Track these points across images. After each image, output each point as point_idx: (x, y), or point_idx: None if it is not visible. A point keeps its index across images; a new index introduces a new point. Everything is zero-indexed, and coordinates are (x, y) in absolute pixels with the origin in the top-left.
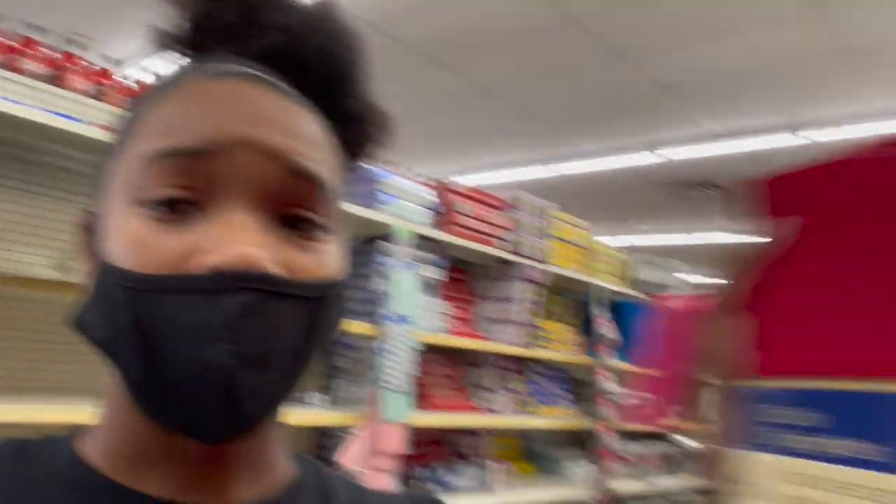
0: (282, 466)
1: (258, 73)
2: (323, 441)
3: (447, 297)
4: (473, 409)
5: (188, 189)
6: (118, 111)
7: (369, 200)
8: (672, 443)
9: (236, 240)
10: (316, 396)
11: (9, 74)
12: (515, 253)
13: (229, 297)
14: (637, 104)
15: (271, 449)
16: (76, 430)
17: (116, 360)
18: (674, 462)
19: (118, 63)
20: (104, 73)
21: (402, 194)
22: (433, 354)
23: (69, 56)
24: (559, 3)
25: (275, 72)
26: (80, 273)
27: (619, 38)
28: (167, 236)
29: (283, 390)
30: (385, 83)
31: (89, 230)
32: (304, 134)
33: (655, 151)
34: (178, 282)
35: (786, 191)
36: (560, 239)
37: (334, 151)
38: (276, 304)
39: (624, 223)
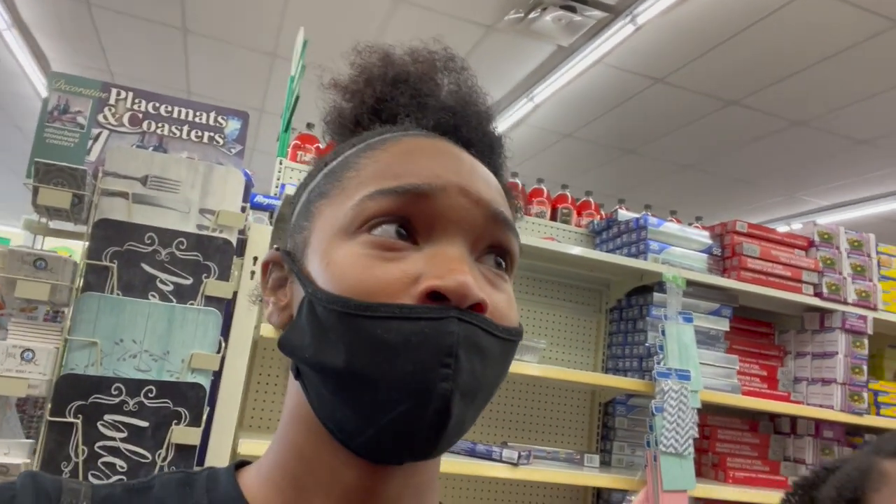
0: None
1: (447, 138)
2: None
3: (744, 354)
4: (784, 485)
5: (408, 222)
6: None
7: (638, 249)
8: None
9: (456, 270)
10: (592, 458)
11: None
12: (829, 299)
13: (454, 325)
14: None
15: (427, 493)
16: (240, 463)
17: (320, 376)
18: None
19: None
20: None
21: (673, 241)
22: (729, 418)
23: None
24: None
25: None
26: (269, 306)
27: None
28: (387, 264)
29: (470, 425)
30: None
31: (280, 267)
32: (495, 187)
33: None
34: (405, 310)
35: None
36: (892, 279)
37: None
38: (488, 341)
39: None
